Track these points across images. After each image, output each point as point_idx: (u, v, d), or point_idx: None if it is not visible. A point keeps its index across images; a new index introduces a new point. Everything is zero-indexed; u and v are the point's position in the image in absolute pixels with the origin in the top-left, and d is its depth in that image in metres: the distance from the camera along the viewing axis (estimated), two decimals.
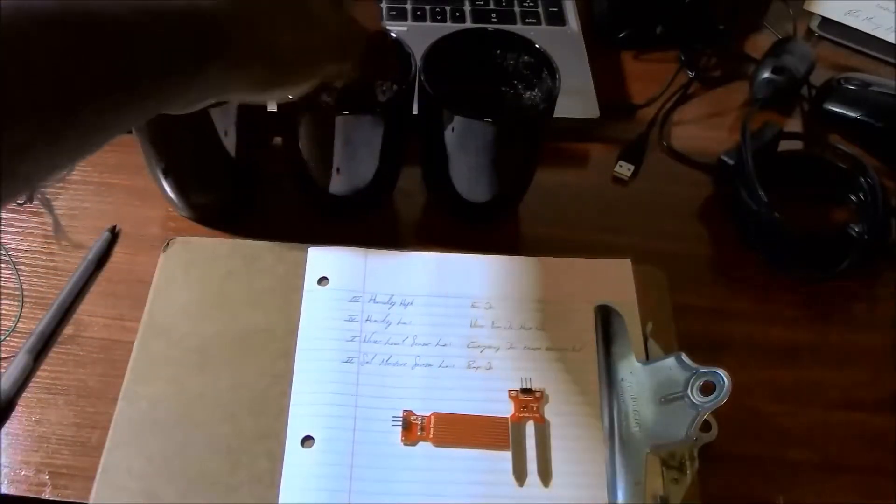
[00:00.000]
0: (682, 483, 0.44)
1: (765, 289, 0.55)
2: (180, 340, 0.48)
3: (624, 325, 0.49)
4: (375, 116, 0.48)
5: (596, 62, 0.65)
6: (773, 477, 0.46)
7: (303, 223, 0.55)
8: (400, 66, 0.50)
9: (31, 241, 0.53)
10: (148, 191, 0.55)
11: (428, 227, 0.57)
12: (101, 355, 0.48)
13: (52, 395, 0.46)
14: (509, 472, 0.44)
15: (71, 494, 0.43)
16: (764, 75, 0.65)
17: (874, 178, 0.57)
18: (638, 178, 0.60)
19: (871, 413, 0.49)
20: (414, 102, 0.51)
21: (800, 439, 0.48)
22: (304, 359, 0.47)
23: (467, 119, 0.47)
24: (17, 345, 0.48)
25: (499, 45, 0.53)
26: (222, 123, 0.48)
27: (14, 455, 0.44)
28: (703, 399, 0.42)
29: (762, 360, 0.51)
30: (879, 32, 0.71)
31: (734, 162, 0.58)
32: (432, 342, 0.48)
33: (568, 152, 0.62)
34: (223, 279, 0.51)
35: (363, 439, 0.44)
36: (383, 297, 0.50)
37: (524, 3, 0.70)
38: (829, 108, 0.65)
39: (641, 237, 0.56)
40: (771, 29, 0.72)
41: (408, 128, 0.51)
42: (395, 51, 0.50)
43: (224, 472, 0.43)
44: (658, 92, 0.66)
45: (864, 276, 0.55)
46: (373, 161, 0.51)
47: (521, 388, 0.47)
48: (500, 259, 0.52)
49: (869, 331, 0.53)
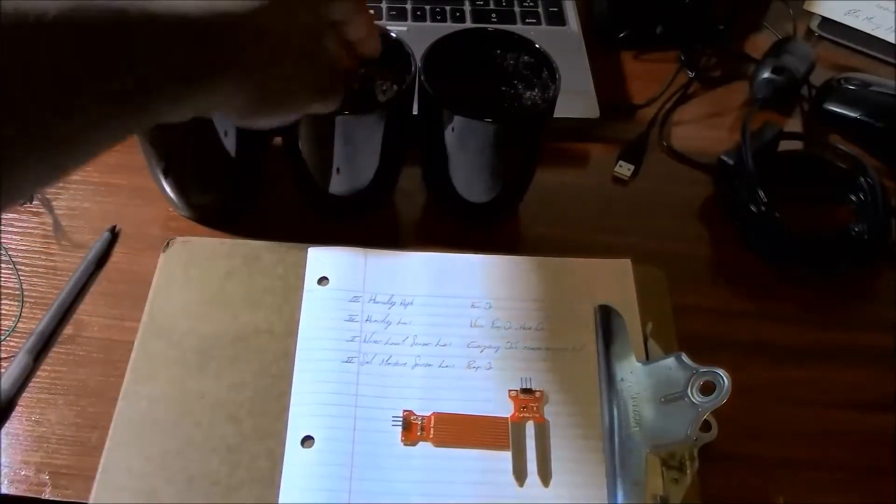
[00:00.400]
0: (682, 483, 0.44)
1: (765, 289, 0.55)
2: (180, 340, 0.48)
3: (624, 325, 0.49)
4: (375, 116, 0.48)
5: (596, 62, 0.65)
6: (773, 477, 0.46)
7: (303, 223, 0.55)
8: (400, 66, 0.50)
9: (31, 241, 0.53)
10: (148, 191, 0.55)
11: (428, 227, 0.57)
12: (101, 355, 0.48)
13: (52, 395, 0.46)
14: (509, 472, 0.44)
15: (71, 494, 0.43)
16: (764, 75, 0.65)
17: (874, 178, 0.57)
18: (638, 178, 0.60)
19: (871, 413, 0.49)
20: (414, 102, 0.51)
21: (800, 439, 0.48)
22: (304, 359, 0.47)
23: (467, 119, 0.47)
24: (17, 345, 0.48)
25: (499, 45, 0.53)
26: (222, 123, 0.48)
27: (14, 455, 0.44)
28: (703, 399, 0.42)
29: (762, 359, 0.51)
30: (879, 32, 0.71)
31: (734, 162, 0.58)
32: (432, 342, 0.48)
33: (568, 152, 0.62)
34: (223, 279, 0.51)
35: (363, 439, 0.44)
36: (383, 297, 0.50)
37: (524, 3, 0.70)
38: (829, 108, 0.65)
39: (641, 237, 0.56)
40: (771, 29, 0.72)
41: (408, 128, 0.51)
42: (396, 51, 0.50)
43: (224, 472, 0.43)
44: (658, 92, 0.66)
45: (864, 276, 0.56)
46: (373, 161, 0.51)
47: (521, 388, 0.47)
48: (500, 259, 0.52)
49: (869, 331, 0.53)
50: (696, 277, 0.55)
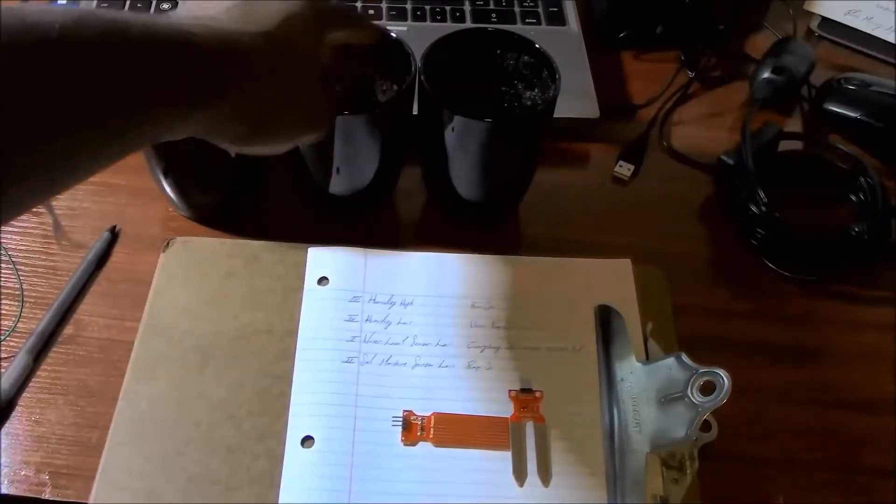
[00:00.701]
0: (682, 483, 0.44)
1: (765, 289, 0.55)
2: (180, 340, 0.48)
3: (624, 325, 0.49)
4: (375, 116, 0.48)
5: (596, 62, 0.65)
6: (773, 477, 0.46)
7: (303, 223, 0.55)
8: (400, 66, 0.50)
9: (31, 241, 0.53)
10: (148, 191, 0.55)
11: (428, 227, 0.57)
12: (101, 355, 0.48)
13: (52, 395, 0.46)
14: (509, 472, 0.44)
15: (71, 494, 0.43)
16: (764, 75, 0.65)
17: (874, 178, 0.57)
18: (638, 178, 0.60)
19: (871, 413, 0.49)
20: (414, 102, 0.51)
21: (800, 439, 0.48)
22: (304, 359, 0.47)
23: (467, 119, 0.47)
24: (17, 345, 0.48)
25: (499, 45, 0.53)
26: None
27: (14, 455, 0.44)
28: (703, 399, 0.42)
29: (762, 360, 0.51)
30: (879, 32, 0.71)
31: (734, 162, 0.58)
32: (432, 342, 0.48)
33: (568, 152, 0.62)
34: (223, 279, 0.51)
35: (363, 439, 0.44)
36: (383, 297, 0.50)
37: (524, 3, 0.70)
38: (829, 108, 0.65)
39: (641, 237, 0.56)
40: (771, 29, 0.72)
41: (408, 128, 0.51)
42: (396, 51, 0.50)
43: (224, 471, 0.43)
44: (658, 92, 0.66)
45: (864, 276, 0.56)
46: (373, 161, 0.51)
47: (521, 388, 0.47)
48: (500, 259, 0.52)
49: (869, 331, 0.53)
50: (696, 277, 0.55)
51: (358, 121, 0.47)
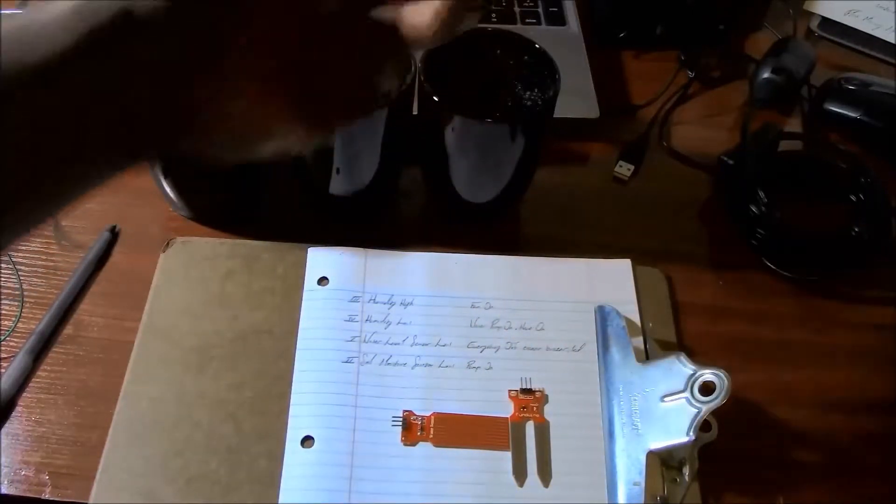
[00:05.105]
0: (682, 483, 0.44)
1: (765, 289, 0.55)
2: (180, 340, 0.48)
3: (624, 326, 0.49)
4: (375, 116, 0.48)
5: (596, 62, 0.65)
6: (773, 477, 0.46)
7: (303, 223, 0.55)
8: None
9: (31, 241, 0.53)
10: (148, 191, 0.54)
11: (428, 227, 0.57)
12: (101, 355, 0.48)
13: (52, 395, 0.46)
14: (509, 472, 0.44)
15: (71, 494, 0.43)
16: (764, 75, 0.65)
17: (874, 178, 0.57)
18: (638, 178, 0.60)
19: (871, 413, 0.49)
20: (414, 102, 0.51)
21: (800, 439, 0.47)
22: (303, 359, 0.47)
23: (467, 119, 0.47)
24: (17, 345, 0.48)
25: (499, 45, 0.53)
26: None
27: (14, 455, 0.44)
28: (703, 399, 0.42)
29: (762, 360, 0.51)
30: (879, 32, 0.71)
31: (734, 162, 0.58)
32: (432, 342, 0.48)
33: (568, 152, 0.62)
34: (223, 279, 0.51)
35: (363, 439, 0.44)
36: (383, 297, 0.50)
37: (524, 3, 0.70)
38: (829, 108, 0.65)
39: (641, 237, 0.56)
40: (771, 29, 0.72)
41: (408, 128, 0.51)
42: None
43: (224, 472, 0.43)
44: (658, 92, 0.66)
45: (864, 276, 0.55)
46: (373, 161, 0.51)
47: (521, 388, 0.47)
48: (500, 259, 0.53)
49: (869, 331, 0.53)
50: (696, 277, 0.55)
51: (358, 121, 0.47)
